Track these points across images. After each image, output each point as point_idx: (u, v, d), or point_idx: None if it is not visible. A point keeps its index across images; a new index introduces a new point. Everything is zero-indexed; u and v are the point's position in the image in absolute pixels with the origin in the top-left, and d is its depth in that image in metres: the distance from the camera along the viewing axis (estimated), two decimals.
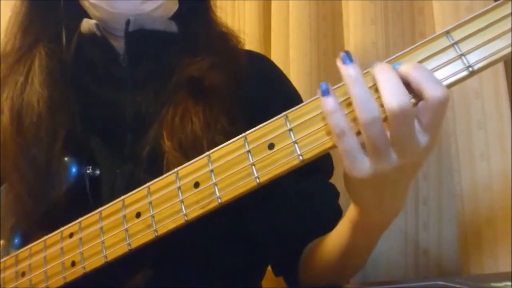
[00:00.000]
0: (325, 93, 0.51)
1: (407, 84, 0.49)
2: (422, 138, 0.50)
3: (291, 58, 1.08)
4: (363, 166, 0.51)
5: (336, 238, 0.68)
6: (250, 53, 0.87)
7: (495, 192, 0.74)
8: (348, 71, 0.50)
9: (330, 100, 0.50)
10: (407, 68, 0.49)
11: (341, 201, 0.79)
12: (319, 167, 0.76)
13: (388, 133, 0.50)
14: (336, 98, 0.51)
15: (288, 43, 1.10)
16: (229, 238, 0.75)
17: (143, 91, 0.76)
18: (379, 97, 0.49)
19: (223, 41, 0.81)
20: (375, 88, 0.50)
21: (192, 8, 0.80)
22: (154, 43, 0.76)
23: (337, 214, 0.77)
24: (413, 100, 0.49)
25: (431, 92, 0.48)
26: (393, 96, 0.48)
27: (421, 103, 0.49)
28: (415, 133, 0.50)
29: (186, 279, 0.73)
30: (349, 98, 0.51)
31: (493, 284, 0.55)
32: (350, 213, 0.63)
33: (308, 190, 0.77)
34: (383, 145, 0.50)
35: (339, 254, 0.67)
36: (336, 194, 0.80)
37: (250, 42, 1.12)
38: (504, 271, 0.72)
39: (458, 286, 0.55)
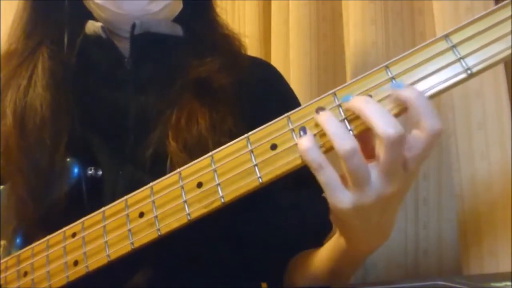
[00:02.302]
0: (302, 131, 0.52)
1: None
2: (409, 167, 0.50)
3: (291, 58, 1.08)
4: (344, 198, 0.52)
5: (323, 258, 0.68)
6: (253, 59, 0.87)
7: (495, 192, 0.74)
8: (320, 116, 0.52)
9: (305, 138, 0.52)
10: (413, 93, 0.49)
11: None
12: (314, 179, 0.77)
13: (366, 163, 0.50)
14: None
15: (288, 43, 1.09)
16: (227, 239, 0.76)
17: (147, 93, 0.76)
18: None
19: (228, 44, 0.82)
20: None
21: (196, 9, 0.80)
22: (159, 47, 0.76)
23: (325, 229, 0.76)
24: None
25: (430, 124, 0.48)
26: (389, 125, 0.48)
27: (416, 133, 0.49)
28: (404, 162, 0.50)
29: (185, 279, 0.73)
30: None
31: (493, 284, 0.55)
32: (337, 243, 0.63)
33: (299, 201, 0.77)
34: (365, 176, 0.50)
35: (327, 273, 0.67)
36: (327, 208, 0.79)
37: (250, 42, 1.12)
38: (504, 271, 0.72)
39: (458, 286, 0.55)
